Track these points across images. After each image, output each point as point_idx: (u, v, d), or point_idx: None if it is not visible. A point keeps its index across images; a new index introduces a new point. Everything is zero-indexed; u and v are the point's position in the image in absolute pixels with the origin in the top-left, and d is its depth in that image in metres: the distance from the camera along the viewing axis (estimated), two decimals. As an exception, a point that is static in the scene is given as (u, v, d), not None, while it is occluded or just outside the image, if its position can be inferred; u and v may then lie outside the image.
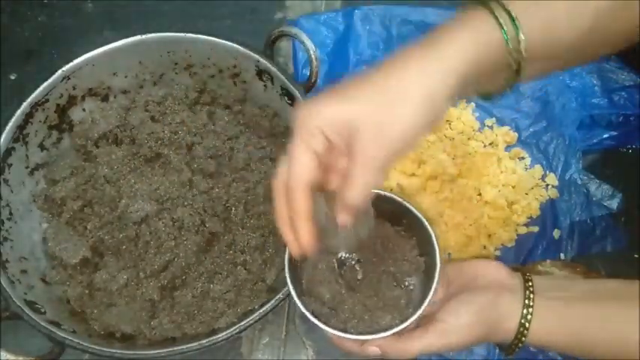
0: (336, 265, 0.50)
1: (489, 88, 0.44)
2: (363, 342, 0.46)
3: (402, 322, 0.46)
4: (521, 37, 0.39)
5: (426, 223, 0.48)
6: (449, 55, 0.38)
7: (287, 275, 0.46)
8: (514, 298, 0.47)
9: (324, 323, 0.46)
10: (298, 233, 0.41)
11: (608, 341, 0.45)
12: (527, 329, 0.46)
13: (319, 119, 0.39)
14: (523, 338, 0.47)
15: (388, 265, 0.50)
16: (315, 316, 0.46)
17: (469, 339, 0.47)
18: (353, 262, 0.50)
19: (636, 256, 0.66)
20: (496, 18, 0.39)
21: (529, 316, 0.46)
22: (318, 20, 0.76)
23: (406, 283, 0.50)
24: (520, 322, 0.46)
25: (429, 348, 0.47)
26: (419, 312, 0.45)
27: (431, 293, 0.46)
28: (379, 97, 0.38)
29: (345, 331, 0.47)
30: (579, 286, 0.50)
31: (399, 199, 0.49)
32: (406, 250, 0.51)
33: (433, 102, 0.38)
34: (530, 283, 0.48)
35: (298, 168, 0.40)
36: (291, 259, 0.46)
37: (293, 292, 0.46)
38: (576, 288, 0.49)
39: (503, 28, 0.39)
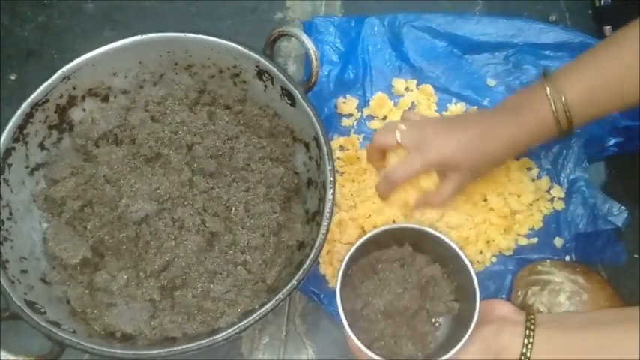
0: (380, 287, 0.55)
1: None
2: None
3: (423, 355, 0.52)
4: (568, 111, 0.54)
5: (473, 275, 0.53)
6: (518, 129, 0.57)
7: (339, 277, 0.54)
8: (516, 330, 0.50)
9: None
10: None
11: None
12: (529, 358, 0.49)
13: (434, 159, 0.59)
14: None
15: (426, 301, 0.55)
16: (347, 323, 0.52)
17: None
18: (398, 291, 0.55)
19: (636, 256, 0.66)
20: (549, 100, 0.54)
21: (530, 346, 0.49)
22: (332, 23, 0.76)
23: (434, 321, 0.55)
24: (522, 351, 0.49)
25: None
26: (448, 354, 0.50)
27: (462, 341, 0.50)
28: (477, 160, 0.59)
29: (369, 348, 0.51)
30: (579, 316, 0.53)
31: (454, 247, 0.55)
32: (445, 292, 0.56)
33: (504, 156, 0.60)
34: (531, 316, 0.51)
35: (407, 174, 0.60)
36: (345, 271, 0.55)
37: (338, 292, 0.52)
38: (576, 318, 0.52)
39: (553, 108, 0.54)
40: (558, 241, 0.66)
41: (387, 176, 0.61)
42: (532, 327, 0.50)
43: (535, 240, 0.66)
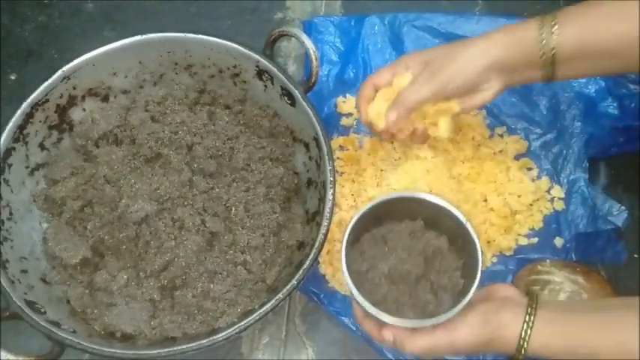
0: (387, 254, 0.55)
1: (528, 81, 0.57)
2: (382, 327, 0.52)
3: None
4: (554, 36, 0.52)
5: (480, 253, 0.52)
6: (494, 42, 0.55)
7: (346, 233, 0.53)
8: (518, 309, 0.50)
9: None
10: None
11: (608, 348, 0.46)
12: (529, 336, 0.48)
13: (408, 58, 0.59)
14: (525, 345, 0.48)
15: (431, 273, 0.55)
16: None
17: (472, 338, 0.50)
18: (403, 256, 0.54)
19: (636, 256, 0.66)
20: (539, 21, 0.53)
21: (531, 323, 0.48)
22: (332, 22, 0.76)
23: (439, 296, 0.54)
24: (522, 328, 0.48)
25: (434, 344, 0.51)
26: (451, 312, 0.50)
27: (461, 305, 0.50)
28: (446, 50, 0.57)
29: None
30: (583, 303, 0.54)
31: (465, 222, 0.54)
32: (451, 267, 0.55)
33: (478, 66, 0.55)
34: (535, 297, 0.51)
35: (378, 77, 0.60)
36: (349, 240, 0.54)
37: (343, 251, 0.52)
38: (580, 303, 0.53)
39: (541, 36, 0.52)
40: (558, 241, 0.66)
41: (400, 100, 0.58)
42: (534, 306, 0.49)
43: (535, 240, 0.66)
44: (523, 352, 0.49)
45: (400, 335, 0.51)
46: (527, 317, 0.49)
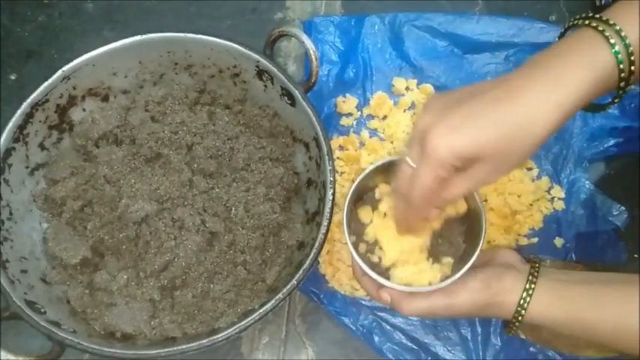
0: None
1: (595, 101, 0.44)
2: (380, 287, 0.52)
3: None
4: (632, 54, 0.40)
5: (484, 220, 0.51)
6: (567, 84, 0.40)
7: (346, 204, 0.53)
8: (519, 276, 0.50)
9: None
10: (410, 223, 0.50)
11: (606, 320, 0.46)
12: (528, 303, 0.49)
13: (449, 154, 0.41)
14: (523, 311, 0.49)
15: (430, 238, 0.54)
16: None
17: (471, 303, 0.50)
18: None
19: (636, 256, 0.66)
20: (606, 38, 0.40)
21: (531, 291, 0.49)
22: (332, 22, 0.76)
23: (442, 261, 0.53)
24: (521, 295, 0.49)
25: (431, 307, 0.50)
26: (447, 282, 0.50)
27: (462, 271, 0.50)
28: (505, 125, 0.40)
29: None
30: (585, 273, 0.53)
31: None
32: (454, 233, 0.54)
33: (551, 133, 0.41)
34: (536, 266, 0.51)
35: (422, 190, 0.43)
36: (353, 197, 0.54)
37: (345, 225, 0.52)
38: (582, 274, 0.52)
39: (614, 50, 0.40)
40: (558, 241, 0.66)
41: (403, 195, 0.47)
42: (535, 274, 0.50)
43: (535, 240, 0.66)
44: (520, 318, 0.49)
45: (397, 296, 0.51)
46: (528, 285, 0.49)
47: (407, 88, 0.74)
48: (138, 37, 0.60)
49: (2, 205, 0.56)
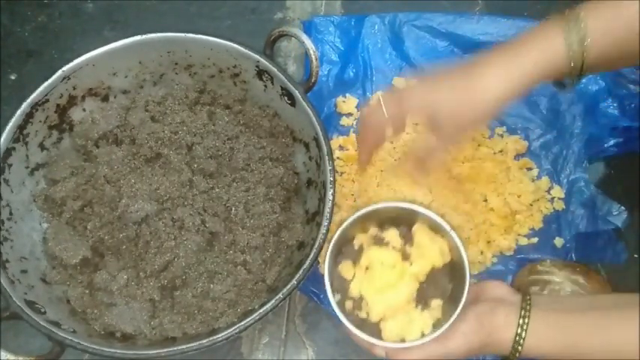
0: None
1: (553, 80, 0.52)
2: (374, 344, 0.51)
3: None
4: (587, 45, 0.46)
5: (464, 254, 0.52)
6: (520, 63, 0.48)
7: (327, 262, 0.53)
8: (512, 310, 0.49)
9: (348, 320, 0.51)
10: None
11: (605, 349, 0.45)
12: (524, 338, 0.47)
13: (417, 106, 0.51)
14: (520, 347, 0.48)
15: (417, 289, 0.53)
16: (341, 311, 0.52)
17: (467, 346, 0.49)
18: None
19: (636, 256, 0.66)
20: (564, 28, 0.47)
21: (525, 326, 0.47)
22: (332, 22, 0.76)
23: (431, 305, 0.53)
24: (516, 331, 0.47)
25: (431, 355, 0.50)
26: (440, 330, 0.49)
27: (452, 319, 0.49)
28: (462, 92, 0.49)
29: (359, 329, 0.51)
30: (577, 299, 0.52)
31: (446, 226, 0.53)
32: (438, 275, 0.54)
33: (501, 104, 0.49)
34: (528, 297, 0.50)
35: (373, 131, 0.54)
36: (333, 252, 0.54)
37: (328, 284, 0.52)
38: (574, 300, 0.51)
39: (567, 39, 0.46)
40: (558, 241, 0.66)
41: (422, 161, 0.54)
42: (528, 307, 0.48)
43: (535, 240, 0.66)
44: (518, 354, 0.48)
45: (392, 351, 0.51)
46: (522, 320, 0.48)
47: (407, 88, 0.74)
48: (138, 37, 0.60)
49: (2, 205, 0.56)
